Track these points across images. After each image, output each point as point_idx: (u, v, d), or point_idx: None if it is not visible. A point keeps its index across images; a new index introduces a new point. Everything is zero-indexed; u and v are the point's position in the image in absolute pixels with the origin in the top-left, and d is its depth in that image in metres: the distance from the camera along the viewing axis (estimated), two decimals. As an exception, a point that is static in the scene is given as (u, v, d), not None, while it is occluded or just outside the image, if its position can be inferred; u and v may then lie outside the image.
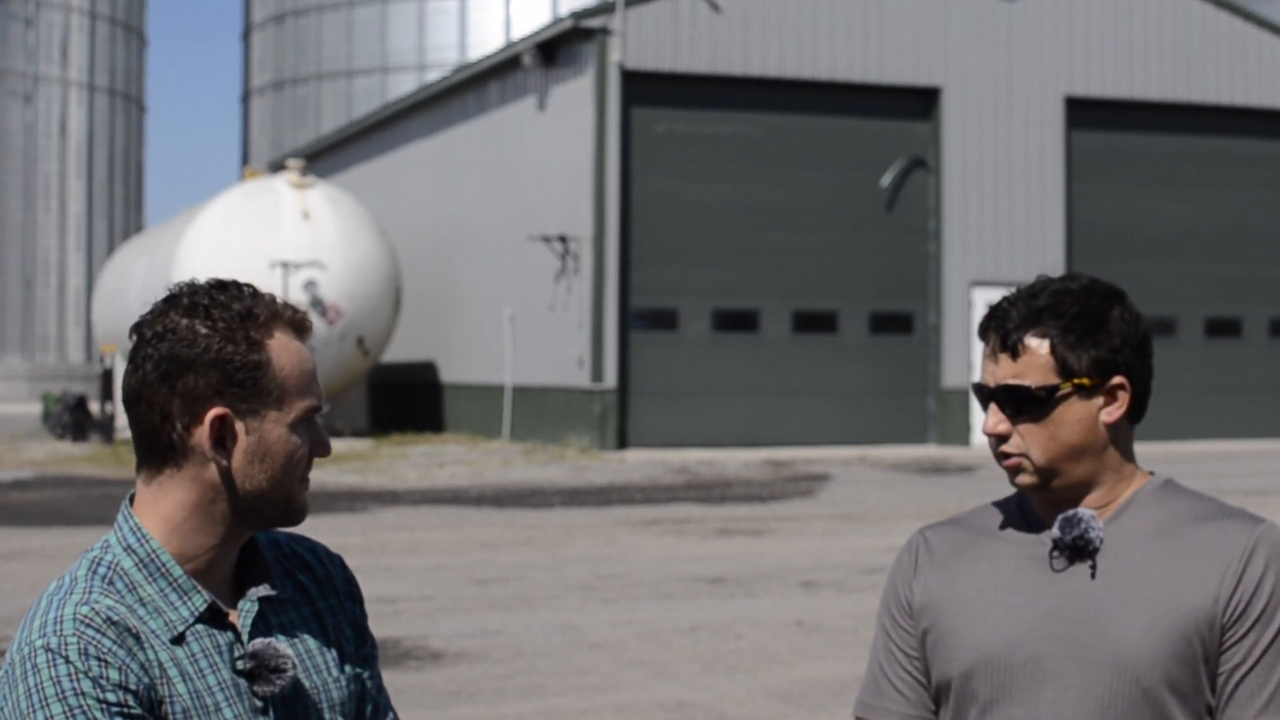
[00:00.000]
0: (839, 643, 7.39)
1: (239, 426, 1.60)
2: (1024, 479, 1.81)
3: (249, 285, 1.64)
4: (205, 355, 1.57)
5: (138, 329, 1.61)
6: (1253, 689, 1.75)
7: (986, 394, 1.83)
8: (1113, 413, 1.82)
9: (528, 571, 9.66)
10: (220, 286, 1.62)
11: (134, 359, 1.60)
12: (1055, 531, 1.81)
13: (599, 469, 16.93)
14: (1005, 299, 1.85)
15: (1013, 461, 1.81)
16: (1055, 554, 1.82)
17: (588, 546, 10.87)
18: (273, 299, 1.63)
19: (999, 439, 1.82)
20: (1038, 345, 1.80)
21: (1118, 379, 1.82)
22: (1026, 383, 1.80)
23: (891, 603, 1.93)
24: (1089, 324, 1.80)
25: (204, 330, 1.58)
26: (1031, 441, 1.80)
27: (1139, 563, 1.79)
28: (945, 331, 20.41)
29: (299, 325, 1.64)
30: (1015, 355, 1.80)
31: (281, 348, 1.61)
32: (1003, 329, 1.82)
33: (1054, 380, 1.79)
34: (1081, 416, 1.80)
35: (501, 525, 12.16)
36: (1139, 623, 1.76)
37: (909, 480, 16.08)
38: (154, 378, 1.58)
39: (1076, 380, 1.80)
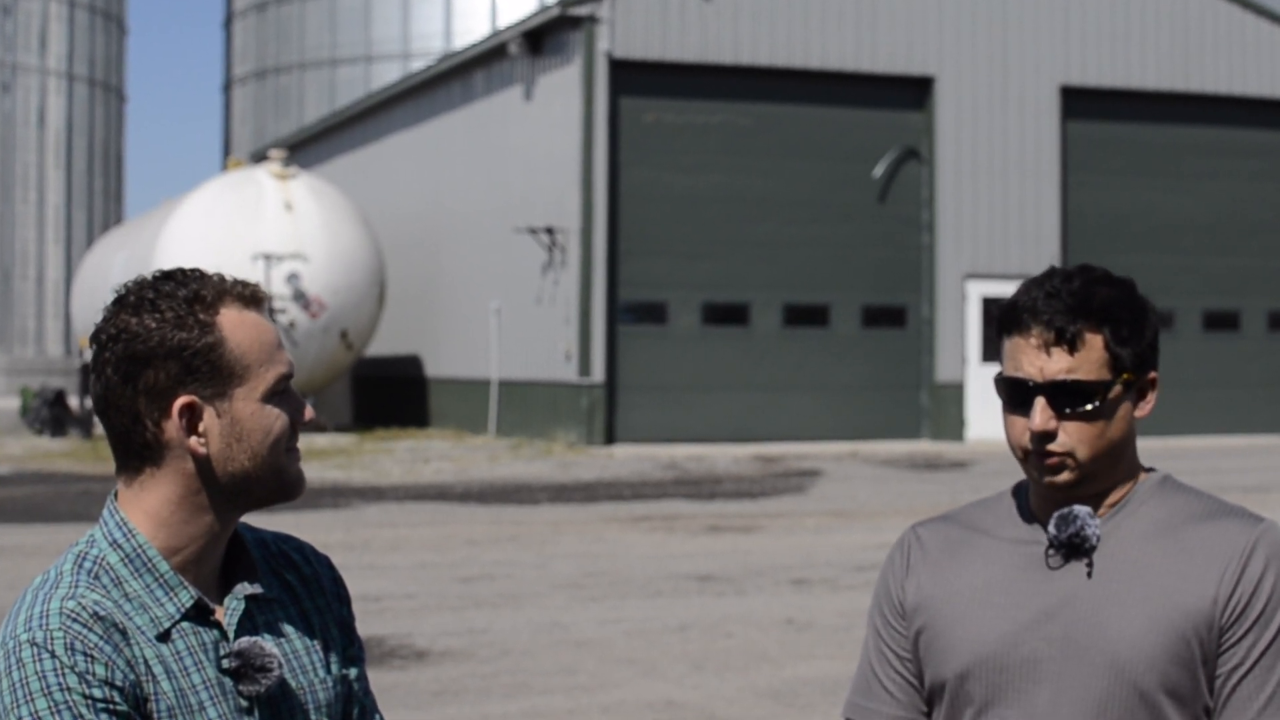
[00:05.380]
0: (830, 641, 7.33)
1: (208, 411, 1.58)
2: (1064, 477, 1.76)
3: (195, 270, 1.63)
4: (160, 348, 1.57)
5: (95, 336, 1.60)
6: (1251, 691, 1.72)
7: (1033, 389, 1.75)
8: (1145, 407, 1.80)
9: (514, 569, 9.58)
10: (165, 277, 1.61)
11: (95, 366, 1.60)
12: (1051, 529, 1.78)
13: (586, 465, 16.78)
14: (1040, 288, 1.77)
15: (1054, 460, 1.75)
16: (1051, 552, 1.79)
17: (575, 544, 10.77)
18: (220, 278, 1.62)
19: (1042, 437, 1.75)
20: (1093, 339, 1.75)
21: (1152, 374, 1.80)
22: (1082, 377, 1.74)
23: (883, 602, 1.90)
24: (1133, 316, 1.77)
25: (153, 324, 1.57)
26: (1080, 439, 1.75)
27: (1136, 562, 1.77)
28: (939, 325, 20.27)
29: (250, 298, 1.62)
30: (1074, 349, 1.74)
31: (234, 324, 1.59)
32: (1055, 321, 1.74)
33: (1107, 375, 1.75)
34: (1125, 413, 1.78)
35: (487, 522, 12.03)
36: (1136, 623, 1.74)
37: (902, 476, 15.97)
38: (116, 381, 1.58)
39: (1126, 376, 1.76)
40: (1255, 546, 1.74)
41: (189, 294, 1.58)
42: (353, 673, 1.75)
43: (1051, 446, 1.74)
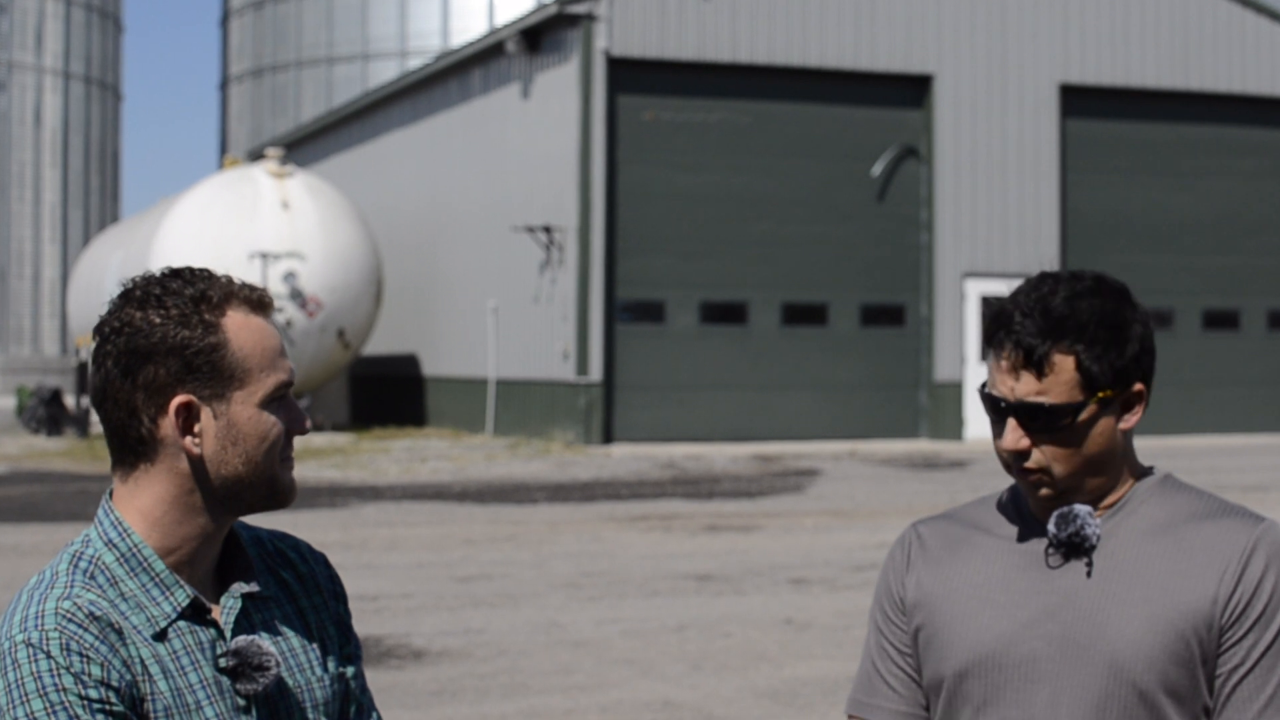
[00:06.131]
0: (829, 641, 7.32)
1: (205, 412, 1.58)
2: (1045, 492, 1.77)
3: (204, 270, 1.62)
4: (162, 344, 1.56)
5: (98, 329, 1.60)
6: (1252, 691, 1.72)
7: (1005, 409, 1.76)
8: (1130, 419, 1.79)
9: (511, 569, 9.54)
10: (174, 274, 1.61)
11: (96, 358, 1.60)
12: (1051, 528, 1.78)
13: (584, 464, 16.74)
14: (1016, 305, 1.76)
15: (1033, 477, 1.77)
16: (1051, 551, 1.79)
17: (572, 543, 10.74)
18: (228, 280, 1.62)
19: (1018, 455, 1.76)
20: (1062, 361, 1.73)
21: (1137, 386, 1.77)
22: (1051, 400, 1.73)
23: (884, 599, 1.90)
24: (1111, 333, 1.74)
25: (158, 319, 1.57)
26: (1054, 457, 1.75)
27: (1136, 561, 1.77)
28: (937, 324, 20.23)
29: (257, 302, 1.62)
30: (1040, 373, 1.73)
31: (239, 327, 1.59)
32: (1023, 343, 1.73)
33: (1079, 397, 1.74)
34: (1104, 429, 1.76)
35: (485, 521, 11.99)
36: (1136, 623, 1.74)
37: (900, 475, 15.92)
38: (115, 374, 1.57)
39: (1101, 394, 1.74)
40: (1256, 546, 1.74)
41: (196, 293, 1.58)
42: (350, 671, 1.74)
43: (1027, 465, 1.76)
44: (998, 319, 1.77)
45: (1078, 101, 20.98)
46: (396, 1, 35.85)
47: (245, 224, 20.39)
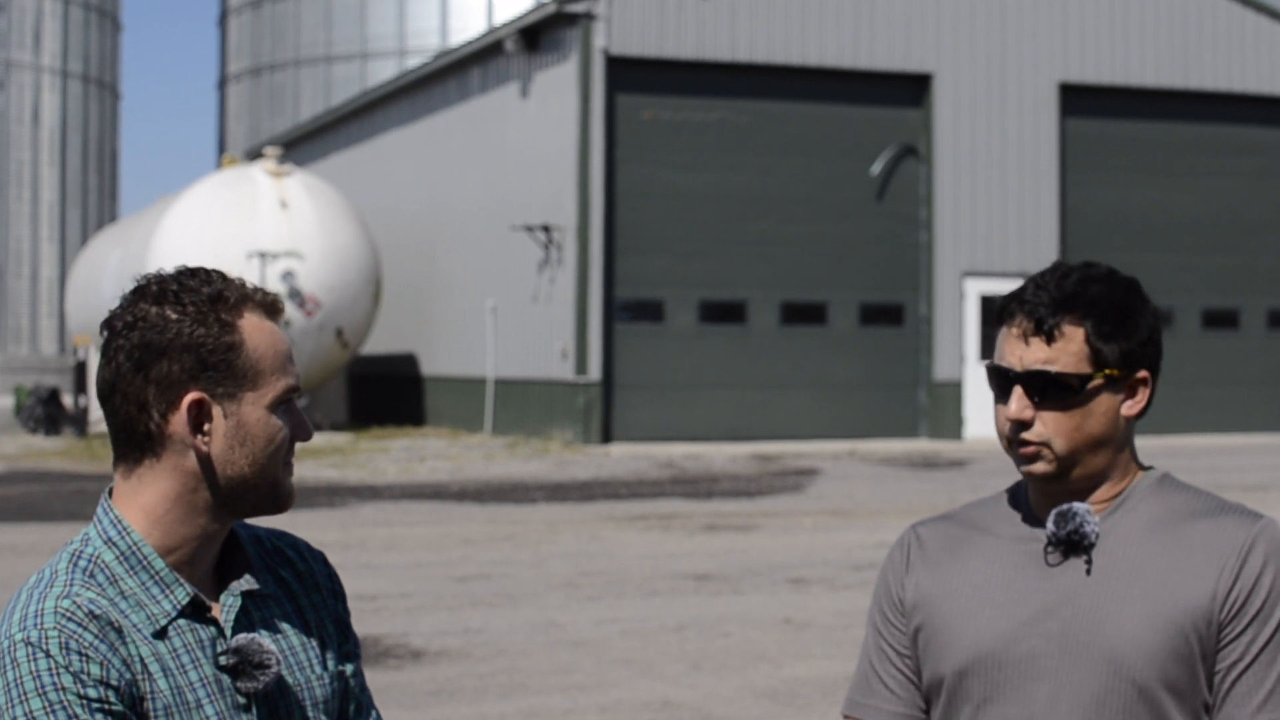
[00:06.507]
0: (828, 641, 7.33)
1: (216, 410, 1.59)
2: (1040, 467, 1.78)
3: (217, 271, 1.64)
4: (178, 340, 1.57)
5: (108, 323, 1.61)
6: (1250, 686, 1.74)
7: (1012, 378, 1.78)
8: (1134, 406, 1.80)
9: (510, 568, 9.53)
10: (189, 273, 1.62)
11: (106, 352, 1.60)
12: (1050, 526, 1.79)
13: (583, 463, 16.73)
14: (1031, 281, 1.81)
15: (1030, 449, 1.78)
16: (1050, 549, 1.80)
17: (571, 543, 10.73)
18: (242, 282, 1.63)
19: (1019, 425, 1.77)
20: (1073, 332, 1.77)
21: (1142, 373, 1.81)
22: (1058, 369, 1.76)
23: (883, 600, 1.91)
24: (1120, 315, 1.79)
25: (174, 315, 1.57)
26: (1055, 430, 1.77)
27: (1135, 559, 1.78)
28: (937, 323, 20.22)
29: (270, 307, 1.63)
30: (1050, 340, 1.77)
31: (254, 328, 1.61)
32: (1036, 312, 1.77)
33: (1086, 369, 1.77)
34: (1107, 408, 1.79)
35: (483, 521, 11.98)
36: (1135, 620, 1.75)
37: (899, 475, 15.92)
38: (127, 368, 1.57)
39: (1108, 371, 1.77)
40: (1254, 543, 1.75)
41: (213, 292, 1.59)
42: (349, 669, 1.74)
43: (1027, 435, 1.77)
44: (1012, 295, 1.80)
45: (1077, 100, 20.97)
46: (395, 0, 35.84)
47: (244, 223, 20.37)
